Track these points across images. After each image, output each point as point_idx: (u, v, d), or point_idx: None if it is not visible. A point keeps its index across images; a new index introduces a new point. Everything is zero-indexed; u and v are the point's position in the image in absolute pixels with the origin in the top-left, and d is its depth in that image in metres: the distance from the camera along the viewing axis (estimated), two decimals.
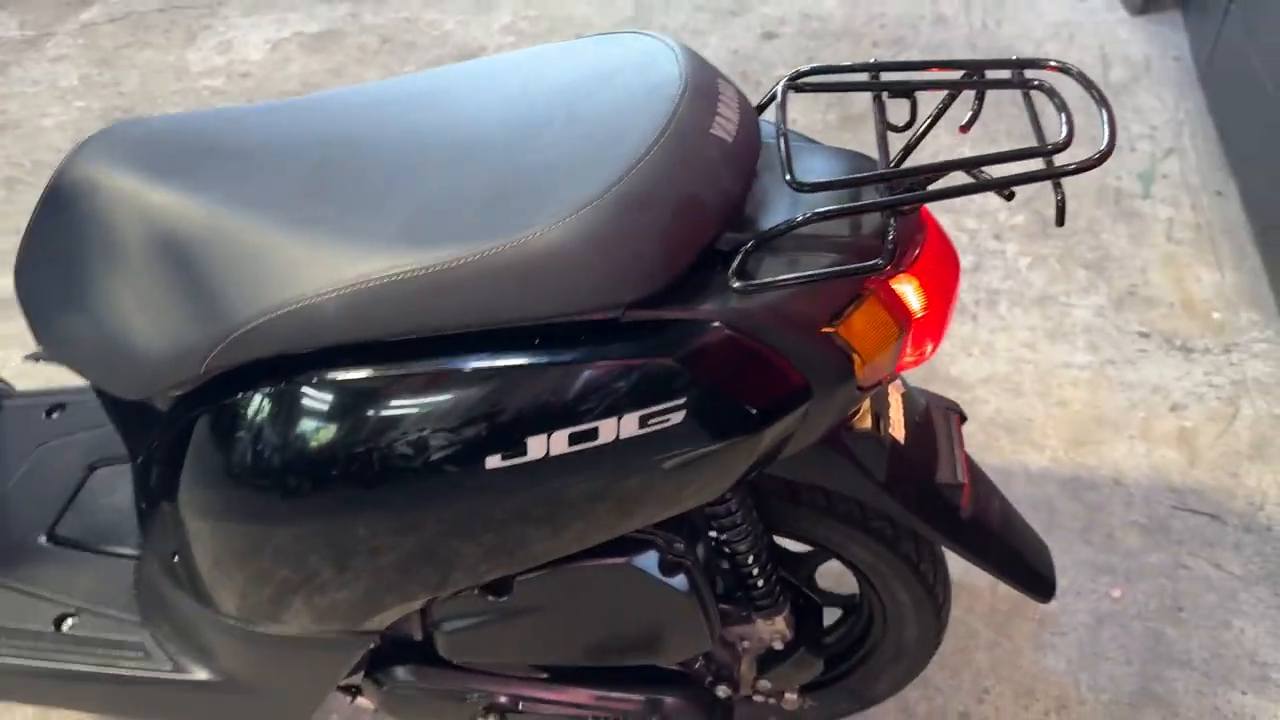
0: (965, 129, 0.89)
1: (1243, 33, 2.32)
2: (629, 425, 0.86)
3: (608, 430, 0.86)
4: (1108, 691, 1.52)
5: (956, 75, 0.89)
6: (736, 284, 0.84)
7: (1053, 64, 0.86)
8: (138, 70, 3.05)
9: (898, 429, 1.07)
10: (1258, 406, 1.92)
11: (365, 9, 3.27)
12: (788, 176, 0.83)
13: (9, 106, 2.94)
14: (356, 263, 0.85)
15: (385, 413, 0.89)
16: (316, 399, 0.89)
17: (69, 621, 1.23)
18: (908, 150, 0.90)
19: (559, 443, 0.87)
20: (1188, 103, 2.68)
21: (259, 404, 0.92)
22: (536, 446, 0.87)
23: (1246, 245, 2.26)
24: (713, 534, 1.09)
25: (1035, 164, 0.83)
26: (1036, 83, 0.86)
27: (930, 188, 0.87)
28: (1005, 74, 0.87)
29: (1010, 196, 0.85)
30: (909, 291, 0.92)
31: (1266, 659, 1.55)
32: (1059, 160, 0.82)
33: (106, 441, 1.44)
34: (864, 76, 0.91)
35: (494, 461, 0.88)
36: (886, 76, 0.90)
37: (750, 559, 1.10)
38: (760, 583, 1.13)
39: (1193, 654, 1.56)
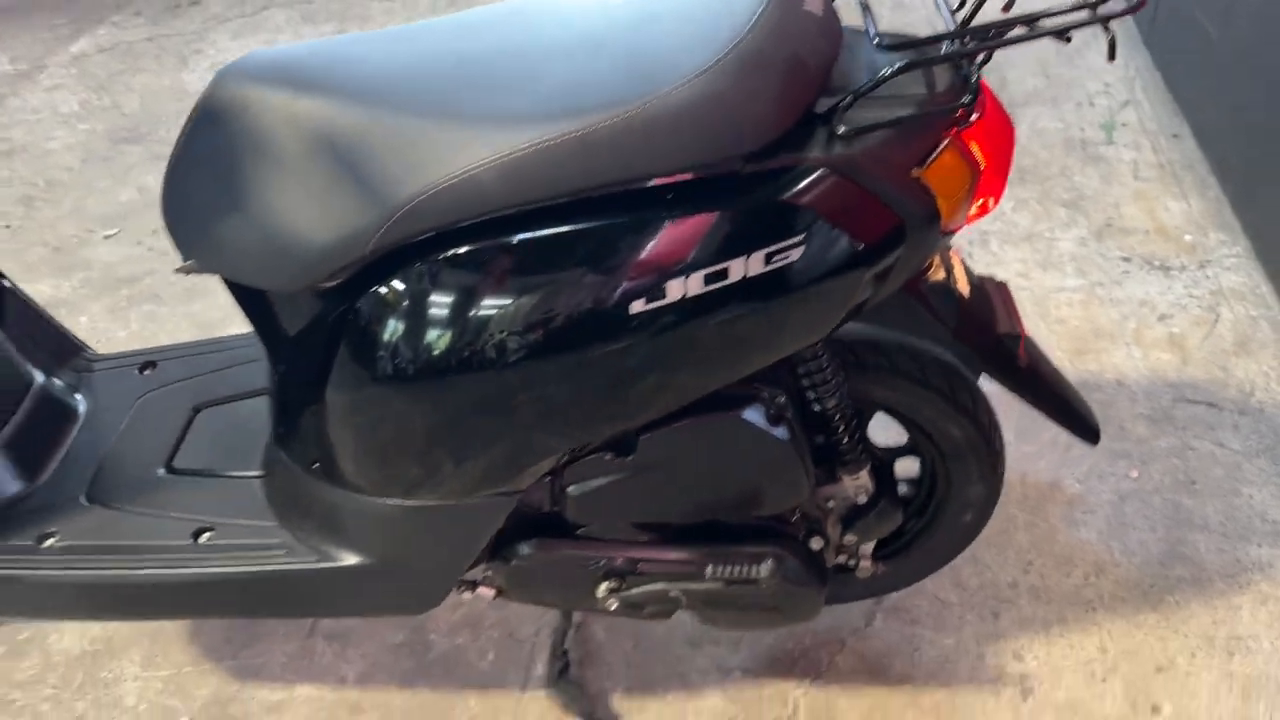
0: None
1: None
2: (755, 264, 0.99)
3: (736, 269, 1.00)
4: (1138, 555, 1.67)
5: None
6: (842, 129, 0.98)
7: None
8: (136, 94, 3.14)
9: (963, 285, 1.22)
10: (1236, 311, 2.10)
11: (351, 25, 3.39)
12: (875, 36, 0.97)
13: (13, 134, 3.01)
14: (507, 135, 0.97)
15: (543, 271, 1.01)
16: (481, 264, 1.01)
17: (206, 535, 1.32)
18: (972, 14, 1.04)
19: (695, 284, 1.00)
20: (1136, 60, 2.91)
21: (427, 275, 1.03)
22: (675, 289, 1.00)
23: (1207, 177, 2.47)
24: (806, 389, 1.21)
25: (1082, 14, 0.98)
26: None
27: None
28: None
29: (1068, 40, 1.00)
30: (975, 148, 1.07)
31: (1276, 517, 1.71)
32: (1102, 10, 0.98)
33: (207, 386, 1.54)
34: None
35: (638, 306, 1.01)
36: None
37: (837, 415, 1.23)
38: (845, 438, 1.26)
39: (1209, 518, 1.71)
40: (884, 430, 1.38)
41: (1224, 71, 2.42)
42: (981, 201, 1.10)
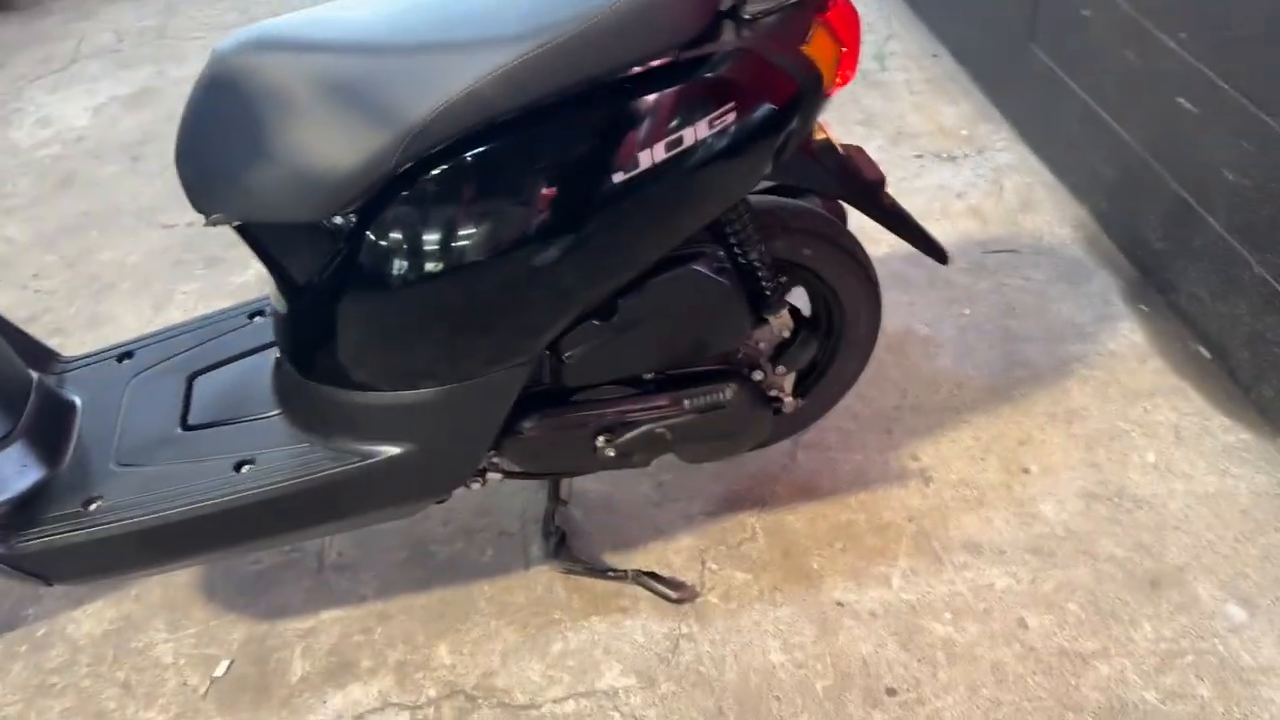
0: None
1: None
2: (702, 129, 1.29)
3: (689, 135, 1.29)
4: (985, 368, 2.07)
5: None
6: (746, 18, 1.29)
7: None
8: None
9: (837, 145, 1.56)
10: (1014, 180, 2.58)
11: (168, 66, 3.47)
12: None
13: None
14: (498, 53, 1.23)
15: (540, 162, 1.27)
16: (489, 163, 1.26)
17: (246, 467, 1.49)
18: None
19: (659, 152, 1.29)
20: (887, 4, 3.40)
21: (444, 179, 1.27)
22: (645, 158, 1.28)
23: (968, 85, 2.96)
24: (733, 246, 1.52)
25: None
26: None
27: None
28: None
29: None
30: (836, 30, 1.40)
31: (1080, 321, 2.16)
32: None
33: (193, 359, 1.69)
34: None
35: (619, 177, 1.28)
36: None
37: (759, 265, 1.55)
38: (767, 285, 1.57)
39: (1031, 332, 2.15)
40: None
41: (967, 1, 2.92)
42: (842, 76, 1.44)
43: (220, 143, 1.32)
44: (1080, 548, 1.73)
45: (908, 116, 2.86)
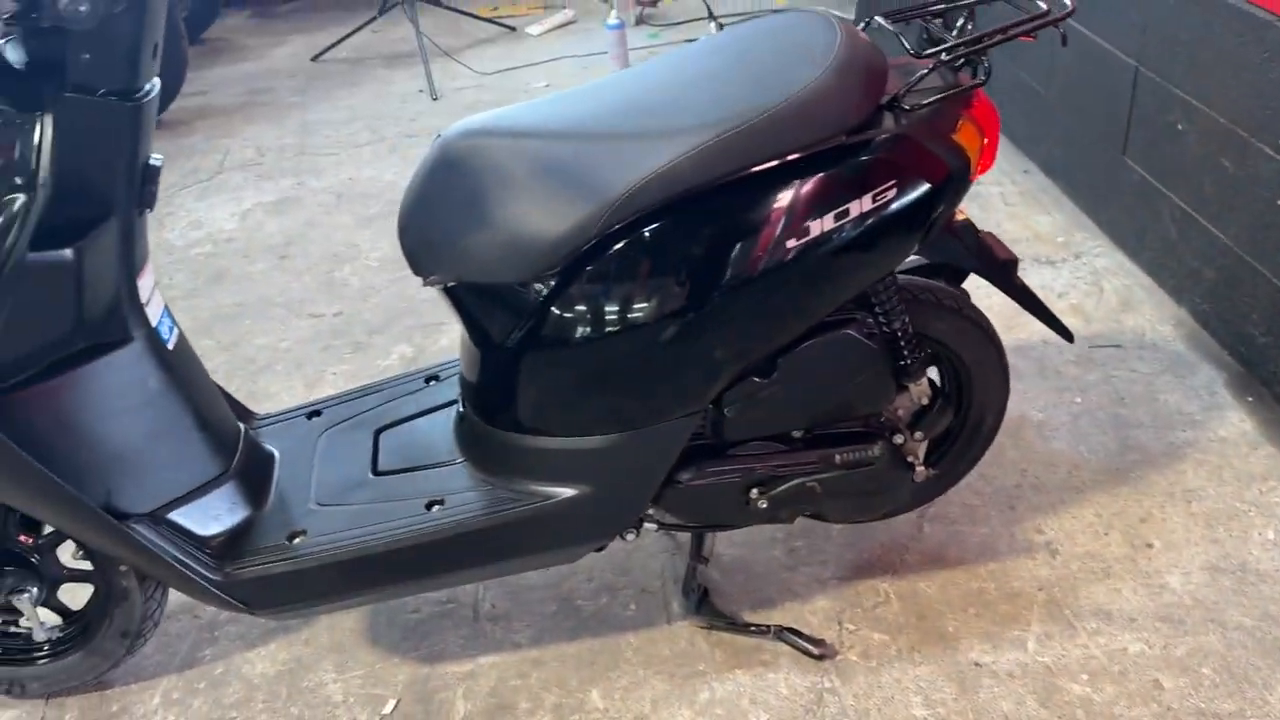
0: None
1: (1009, 56, 3.26)
2: (866, 202, 1.46)
3: (854, 208, 1.46)
4: (1100, 451, 2.17)
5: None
6: (907, 105, 1.47)
7: None
8: None
9: (976, 226, 1.72)
10: (1113, 282, 2.71)
11: (307, 178, 3.78)
12: (912, 50, 1.48)
13: None
14: (692, 136, 1.42)
15: (724, 229, 1.45)
16: (679, 230, 1.44)
17: (437, 507, 1.63)
18: (964, 31, 1.56)
19: (828, 222, 1.45)
20: None
21: (641, 243, 1.44)
22: (815, 227, 1.45)
23: (1059, 197, 3.13)
24: (878, 315, 1.66)
25: (1037, 21, 1.52)
26: None
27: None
28: None
29: (1035, 39, 1.52)
30: (979, 123, 1.58)
31: (1189, 409, 2.25)
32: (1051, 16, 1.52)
33: (378, 415, 1.86)
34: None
35: (792, 243, 1.45)
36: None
37: (901, 335, 1.69)
38: (908, 352, 1.71)
39: (1142, 419, 2.24)
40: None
41: (1052, 118, 3.12)
42: (983, 164, 1.61)
43: (443, 214, 1.51)
44: (1208, 616, 1.79)
45: (1004, 224, 3.03)
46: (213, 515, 1.62)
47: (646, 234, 1.45)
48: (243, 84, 4.77)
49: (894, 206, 1.48)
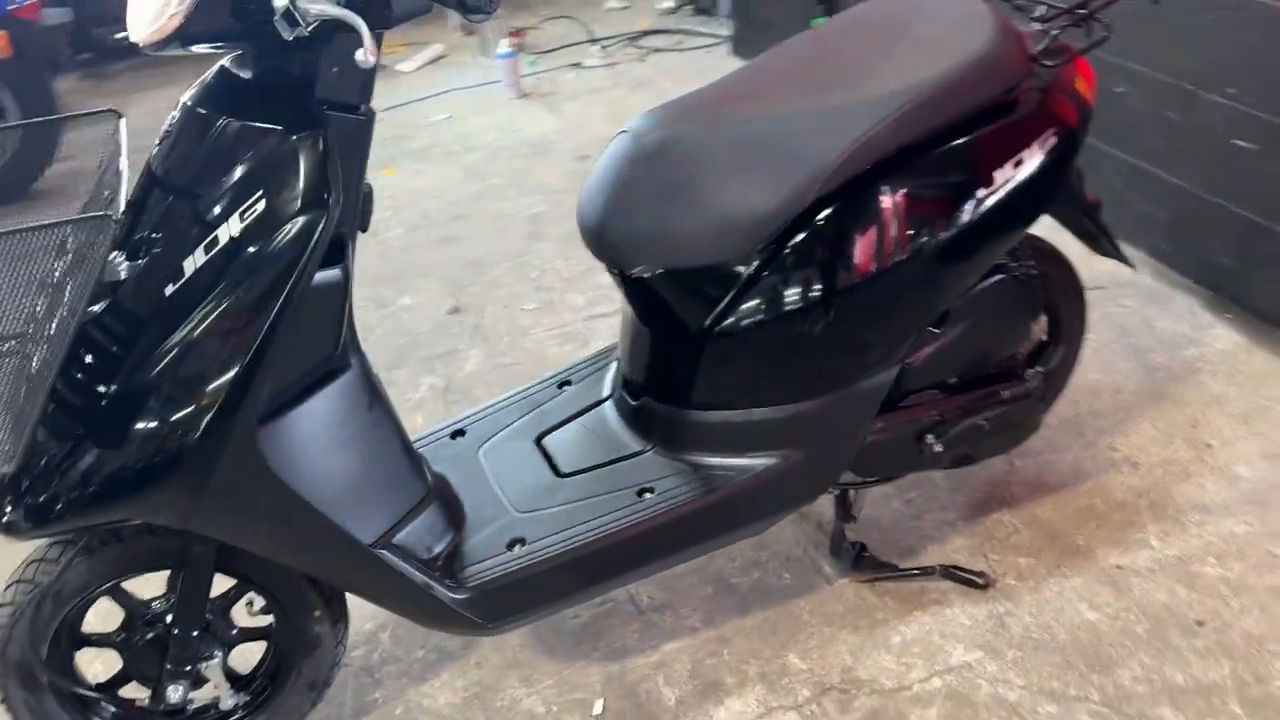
0: None
1: None
2: (1035, 150, 1.62)
3: (1026, 154, 1.61)
4: (1130, 376, 2.42)
5: None
6: (1049, 63, 1.64)
7: None
8: None
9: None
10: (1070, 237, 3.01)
11: None
12: (1037, 15, 1.66)
13: None
14: (888, 102, 1.53)
15: (923, 186, 1.56)
16: (886, 191, 1.54)
17: (647, 495, 1.65)
18: None
19: (1008, 170, 1.60)
20: None
21: (849, 209, 1.54)
22: (999, 176, 1.60)
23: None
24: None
25: None
26: None
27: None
28: None
29: (1157, 2, 1.73)
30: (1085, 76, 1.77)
31: (1183, 330, 2.54)
32: None
33: (529, 425, 1.84)
34: None
35: (981, 193, 1.59)
36: None
37: (1036, 275, 1.85)
38: (1040, 292, 1.87)
39: (1150, 344, 2.52)
40: None
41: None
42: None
43: (647, 206, 1.55)
44: None
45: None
46: (430, 536, 1.58)
47: (855, 198, 1.54)
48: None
49: (1054, 150, 1.64)
